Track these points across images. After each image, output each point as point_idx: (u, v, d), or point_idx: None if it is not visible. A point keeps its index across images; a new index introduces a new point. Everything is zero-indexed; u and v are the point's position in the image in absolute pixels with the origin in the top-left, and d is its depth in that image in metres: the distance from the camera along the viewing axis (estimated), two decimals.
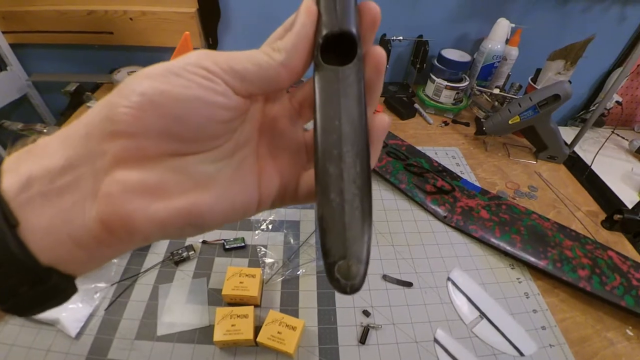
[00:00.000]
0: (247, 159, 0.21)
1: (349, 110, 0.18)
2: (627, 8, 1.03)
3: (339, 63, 0.19)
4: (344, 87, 0.18)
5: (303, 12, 0.19)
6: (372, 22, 0.19)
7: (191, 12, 0.91)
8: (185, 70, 0.17)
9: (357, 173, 0.17)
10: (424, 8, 0.98)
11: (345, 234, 0.16)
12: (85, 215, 0.16)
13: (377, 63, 0.19)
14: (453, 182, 0.74)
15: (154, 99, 0.16)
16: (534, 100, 0.76)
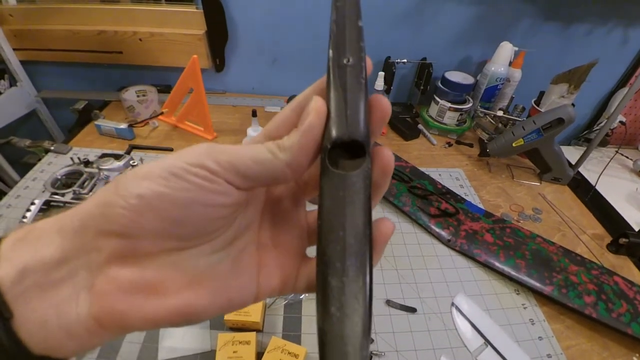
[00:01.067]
0: (247, 247, 0.21)
1: (354, 220, 0.17)
2: (630, 30, 1.05)
3: (347, 159, 0.18)
4: (350, 195, 0.17)
5: (313, 112, 0.18)
6: (382, 118, 0.19)
7: (199, 34, 0.93)
8: (186, 171, 0.16)
9: (359, 287, 0.17)
10: (428, 31, 0.99)
11: (344, 349, 0.16)
12: (79, 308, 0.16)
13: (385, 166, 0.19)
14: (457, 204, 0.74)
15: (152, 202, 0.16)
16: (537, 124, 0.76)
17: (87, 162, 0.64)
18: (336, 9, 0.20)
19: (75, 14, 0.96)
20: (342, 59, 0.19)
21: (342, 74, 0.18)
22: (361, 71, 0.18)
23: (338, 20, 0.19)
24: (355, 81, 0.18)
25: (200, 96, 0.78)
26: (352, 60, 0.19)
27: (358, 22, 0.19)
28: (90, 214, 0.17)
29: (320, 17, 0.95)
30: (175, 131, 0.90)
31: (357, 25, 0.19)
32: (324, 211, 0.18)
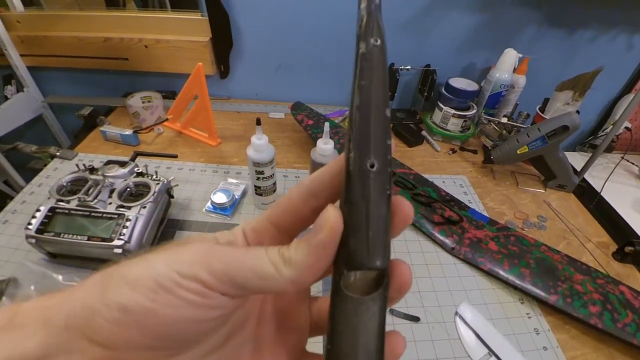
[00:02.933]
0: (244, 344, 0.19)
1: (367, 348, 0.16)
2: (635, 36, 1.04)
3: (362, 276, 0.17)
4: (364, 320, 0.16)
5: (327, 228, 0.15)
6: (403, 224, 0.17)
7: (204, 41, 0.94)
8: (176, 284, 0.15)
9: None
10: (432, 38, 1.00)
11: None
12: None
13: (402, 284, 0.17)
14: (461, 212, 0.74)
15: (137, 317, 0.15)
16: (542, 131, 0.76)
17: (92, 168, 0.64)
18: (360, 90, 0.17)
19: (81, 21, 0.97)
20: (365, 161, 0.16)
21: (365, 183, 0.16)
22: (388, 179, 0.16)
23: (362, 108, 0.16)
24: (380, 192, 0.16)
25: (204, 103, 0.79)
26: (377, 165, 0.16)
27: (385, 111, 0.17)
28: (75, 314, 0.16)
29: (324, 23, 0.96)
30: (180, 137, 0.91)
31: (384, 116, 0.16)
32: (334, 336, 0.16)
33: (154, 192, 0.61)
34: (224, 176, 0.79)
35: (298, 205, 0.18)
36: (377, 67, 0.17)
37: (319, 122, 0.86)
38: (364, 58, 0.17)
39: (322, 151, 0.60)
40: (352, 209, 0.16)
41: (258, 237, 0.19)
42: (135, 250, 0.56)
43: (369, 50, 0.17)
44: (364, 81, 0.17)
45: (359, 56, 0.17)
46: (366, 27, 0.17)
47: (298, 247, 0.16)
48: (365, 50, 0.17)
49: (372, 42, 0.17)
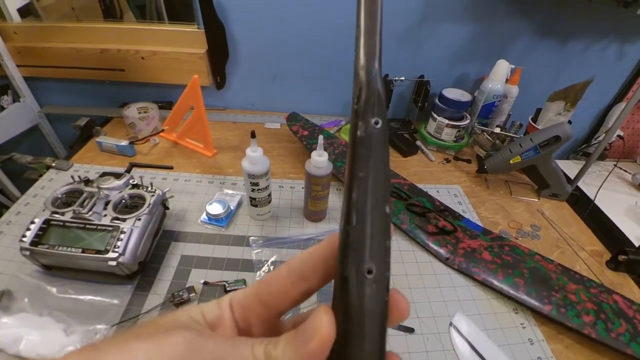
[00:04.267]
0: None
1: None
2: (626, 46, 1.06)
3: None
4: None
5: (317, 337, 0.14)
6: (397, 320, 0.16)
7: (201, 53, 0.95)
8: None
9: None
10: (425, 49, 1.01)
11: None
12: None
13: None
14: (455, 221, 0.74)
15: None
16: (535, 141, 0.77)
17: (87, 180, 0.64)
18: (357, 183, 0.15)
19: (78, 33, 0.98)
20: (361, 267, 0.14)
21: (361, 291, 0.14)
22: (386, 284, 0.15)
23: (359, 205, 0.15)
24: (377, 302, 0.14)
25: (200, 114, 0.79)
26: (375, 270, 0.14)
27: (385, 208, 0.15)
28: None
29: (319, 34, 0.97)
30: (176, 148, 0.91)
31: (384, 215, 0.15)
32: None
33: (149, 204, 0.61)
34: (219, 187, 0.79)
35: (287, 288, 0.18)
36: (377, 154, 0.15)
37: (314, 133, 0.86)
38: (362, 143, 0.15)
39: (317, 163, 0.61)
40: (346, 318, 0.14)
41: (245, 314, 0.19)
42: (129, 263, 0.56)
43: (368, 134, 0.15)
44: (361, 172, 0.15)
45: (356, 139, 0.15)
46: (366, 103, 0.15)
47: (286, 350, 0.15)
48: (364, 133, 0.15)
49: (372, 124, 0.15)
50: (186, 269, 0.62)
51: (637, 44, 1.06)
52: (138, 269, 0.59)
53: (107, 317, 0.55)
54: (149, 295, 0.58)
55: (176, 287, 0.59)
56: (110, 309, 0.56)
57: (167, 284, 0.60)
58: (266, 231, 0.70)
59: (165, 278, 0.61)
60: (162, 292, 0.59)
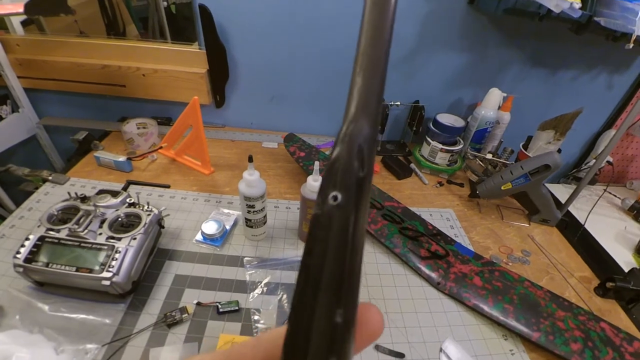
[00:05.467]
0: None
1: None
2: (615, 76, 1.10)
3: None
4: None
5: None
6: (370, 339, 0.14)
7: (201, 73, 0.97)
8: None
9: None
10: (420, 76, 1.04)
11: None
12: None
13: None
14: (447, 246, 0.76)
15: None
16: (525, 169, 0.79)
17: (84, 197, 0.65)
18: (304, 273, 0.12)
19: (80, 48, 0.99)
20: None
21: None
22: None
23: (297, 308, 0.12)
24: None
25: (199, 134, 0.80)
26: None
27: (335, 316, 0.11)
28: None
29: (317, 55, 0.99)
30: (174, 164, 0.92)
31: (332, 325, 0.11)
32: None
33: (144, 224, 0.61)
34: (215, 205, 0.80)
35: None
36: (333, 241, 0.11)
37: (310, 154, 0.88)
38: (317, 222, 0.12)
39: (312, 188, 0.62)
40: None
41: None
42: (123, 282, 0.56)
43: (325, 213, 0.12)
44: (310, 260, 0.11)
45: (313, 215, 0.12)
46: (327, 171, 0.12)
47: None
48: (319, 210, 0.12)
49: (330, 200, 0.12)
50: (180, 288, 0.63)
51: (625, 75, 1.10)
52: (131, 288, 0.59)
53: (99, 336, 0.55)
54: (141, 314, 0.58)
55: (169, 307, 0.59)
56: (102, 328, 0.56)
57: (160, 303, 0.60)
58: (261, 252, 0.71)
59: (158, 297, 0.61)
60: (155, 312, 0.59)
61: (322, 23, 0.93)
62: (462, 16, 0.93)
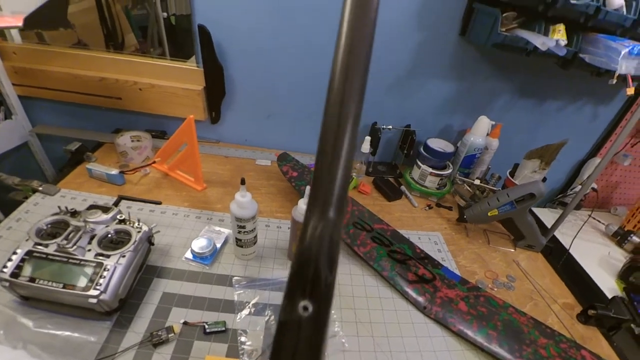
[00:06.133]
0: None
1: None
2: (599, 107, 1.14)
3: None
4: None
5: None
6: None
7: (198, 90, 0.98)
8: None
9: None
10: (412, 101, 1.07)
11: None
12: None
13: None
14: (434, 270, 0.77)
15: None
16: (511, 197, 0.81)
17: (74, 212, 0.65)
18: None
19: (78, 60, 1.00)
20: None
21: None
22: None
23: None
24: None
25: (193, 151, 0.81)
26: None
27: None
28: None
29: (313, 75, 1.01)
30: (166, 179, 0.92)
31: None
32: None
33: (134, 241, 0.61)
34: (206, 222, 0.80)
35: None
36: (302, 351, 0.10)
37: (303, 174, 0.89)
38: (284, 329, 0.11)
39: (303, 210, 0.63)
40: None
41: None
42: (110, 300, 0.56)
43: (293, 320, 0.11)
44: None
45: (279, 320, 0.11)
46: (292, 277, 0.12)
47: None
48: (288, 317, 0.11)
49: (300, 309, 0.11)
50: (167, 307, 0.62)
51: (609, 105, 1.14)
52: (118, 306, 0.59)
53: (82, 354, 0.55)
54: (127, 332, 0.58)
55: (155, 325, 0.59)
56: (86, 346, 0.56)
57: (146, 321, 0.60)
58: (250, 271, 0.71)
59: (145, 315, 0.61)
60: (141, 331, 0.58)
61: (318, 44, 0.96)
62: (453, 47, 0.96)
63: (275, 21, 0.92)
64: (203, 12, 0.89)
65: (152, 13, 0.97)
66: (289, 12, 0.91)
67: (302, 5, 0.90)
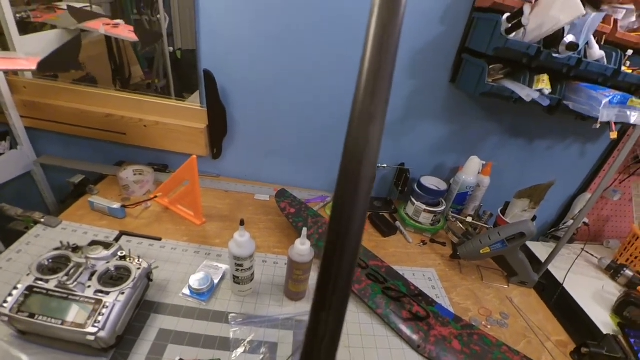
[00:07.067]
0: None
1: None
2: (587, 145, 1.19)
3: None
4: None
5: None
6: None
7: (201, 128, 1.02)
8: None
9: None
10: (407, 140, 1.11)
11: None
12: None
13: None
14: (428, 307, 0.78)
15: None
16: (502, 235, 0.83)
17: (75, 247, 0.66)
18: None
19: (86, 96, 1.04)
20: None
21: None
22: None
23: None
24: None
25: (194, 188, 0.84)
26: None
27: None
28: None
29: (311, 117, 1.06)
30: (166, 213, 0.94)
31: None
32: None
33: (134, 278, 0.63)
34: (204, 257, 0.82)
35: None
36: None
37: (300, 211, 0.92)
38: None
39: (300, 251, 0.65)
40: None
41: None
42: (108, 338, 0.56)
43: None
44: None
45: None
46: None
47: None
48: None
49: None
50: (163, 344, 0.63)
51: (597, 144, 1.19)
52: (115, 342, 0.60)
53: None
54: None
55: None
56: None
57: (142, 358, 0.60)
58: (246, 307, 0.72)
59: (141, 352, 0.61)
60: None
61: (316, 91, 1.01)
62: (444, 92, 1.02)
63: (277, 70, 0.98)
64: (208, 54, 0.95)
65: (159, 47, 1.02)
66: (290, 62, 0.96)
67: (303, 58, 0.96)
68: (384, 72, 0.15)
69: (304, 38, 0.93)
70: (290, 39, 0.93)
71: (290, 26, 0.92)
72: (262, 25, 0.91)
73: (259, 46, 0.94)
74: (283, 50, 0.95)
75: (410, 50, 0.95)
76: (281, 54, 0.95)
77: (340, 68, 0.97)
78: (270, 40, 0.93)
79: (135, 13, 1.00)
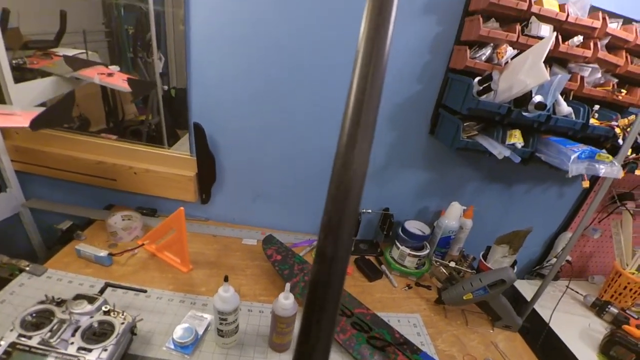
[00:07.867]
0: None
1: None
2: (564, 187, 1.23)
3: None
4: None
5: None
6: None
7: (191, 176, 1.05)
8: None
9: None
10: (390, 187, 1.15)
11: None
12: None
13: None
14: (413, 356, 0.78)
15: None
16: (483, 282, 0.85)
17: (60, 301, 0.66)
18: None
19: (78, 144, 1.06)
20: None
21: None
22: None
23: None
24: None
25: (181, 237, 0.85)
26: None
27: None
28: None
29: (297, 162, 1.09)
30: (153, 260, 0.95)
31: None
32: None
33: (117, 334, 0.63)
34: (190, 307, 0.82)
35: None
36: None
37: (287, 258, 0.93)
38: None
39: (283, 305, 0.66)
40: None
41: None
42: None
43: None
44: None
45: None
46: None
47: None
48: None
49: None
50: None
51: (573, 186, 1.24)
52: None
53: None
54: None
55: None
56: None
57: None
58: None
59: None
60: None
61: (302, 141, 1.05)
62: (424, 142, 1.07)
63: (264, 121, 1.02)
64: (198, 104, 0.99)
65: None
66: (275, 114, 1.01)
67: (288, 110, 1.00)
68: (366, 122, 0.16)
69: (288, 91, 0.98)
70: (274, 92, 0.98)
71: (274, 81, 0.97)
72: (246, 80, 0.96)
73: (244, 100, 0.99)
74: (268, 104, 1.00)
75: (391, 105, 1.00)
76: (266, 107, 1.00)
77: (323, 117, 1.01)
78: (256, 94, 0.98)
79: (131, 52, 1.02)
